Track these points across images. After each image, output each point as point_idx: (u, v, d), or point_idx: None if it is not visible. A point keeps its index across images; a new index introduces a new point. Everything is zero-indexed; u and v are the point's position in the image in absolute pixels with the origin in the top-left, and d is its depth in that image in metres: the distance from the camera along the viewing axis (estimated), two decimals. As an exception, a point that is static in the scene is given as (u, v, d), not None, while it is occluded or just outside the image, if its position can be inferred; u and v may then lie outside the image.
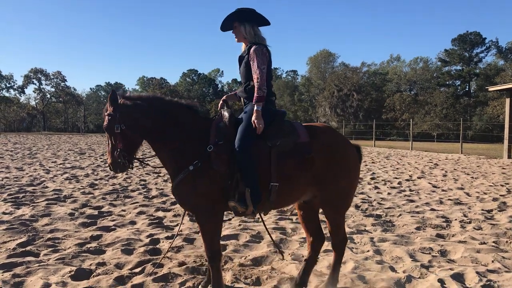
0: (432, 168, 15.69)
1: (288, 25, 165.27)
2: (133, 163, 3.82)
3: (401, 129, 63.17)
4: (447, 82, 72.70)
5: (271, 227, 6.35)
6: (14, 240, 5.53)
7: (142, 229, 6.23)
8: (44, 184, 10.19)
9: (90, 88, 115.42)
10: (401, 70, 79.01)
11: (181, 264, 4.70)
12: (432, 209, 8.00)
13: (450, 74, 72.26)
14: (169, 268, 4.56)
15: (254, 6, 3.98)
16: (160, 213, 7.35)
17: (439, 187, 10.88)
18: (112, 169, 3.76)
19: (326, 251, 5.21)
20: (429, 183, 11.48)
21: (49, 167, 13.93)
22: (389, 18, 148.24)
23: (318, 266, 4.71)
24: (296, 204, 4.21)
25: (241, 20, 3.94)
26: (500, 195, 9.60)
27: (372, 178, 12.37)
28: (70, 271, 4.39)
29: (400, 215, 7.44)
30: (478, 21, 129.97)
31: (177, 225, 6.37)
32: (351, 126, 65.04)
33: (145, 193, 9.28)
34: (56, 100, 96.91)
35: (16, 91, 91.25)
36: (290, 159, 3.68)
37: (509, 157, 21.25)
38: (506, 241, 5.79)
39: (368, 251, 5.31)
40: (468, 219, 7.14)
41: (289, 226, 6.47)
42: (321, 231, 4.24)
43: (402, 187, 10.78)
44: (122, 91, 3.95)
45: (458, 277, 4.39)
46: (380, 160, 19.17)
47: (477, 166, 16.74)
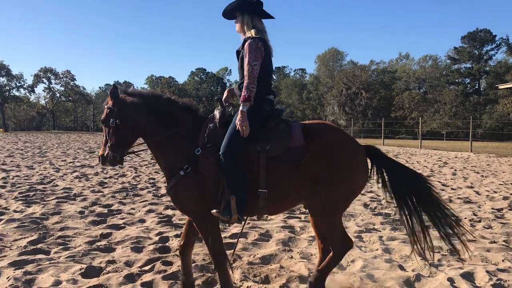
0: (441, 167, 15.61)
1: (296, 23, 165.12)
2: (123, 159, 3.83)
3: (410, 128, 62.85)
4: (457, 80, 72.19)
5: (280, 226, 6.35)
6: (25, 238, 5.59)
7: (152, 227, 6.26)
8: (54, 183, 10.27)
9: (99, 87, 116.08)
10: (410, 68, 78.56)
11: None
12: (442, 208, 7.94)
13: (460, 72, 71.76)
14: (178, 266, 4.58)
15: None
16: (169, 211, 7.38)
17: (448, 186, 10.81)
18: (101, 162, 3.78)
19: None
20: (438, 182, 11.42)
21: (59, 166, 14.03)
22: (398, 16, 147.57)
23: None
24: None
25: (242, 10, 3.72)
26: (510, 194, 9.52)
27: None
28: (81, 269, 4.43)
29: (409, 214, 7.40)
30: (488, 19, 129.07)
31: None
32: (360, 125, 64.82)
33: (154, 192, 9.32)
34: (66, 99, 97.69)
35: (26, 90, 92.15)
36: (281, 165, 3.41)
37: (520, 156, 21.07)
38: (517, 240, 5.75)
39: (377, 250, 5.30)
40: (478, 218, 7.10)
41: (298, 225, 6.47)
42: None
43: (411, 186, 10.70)
44: (125, 86, 3.98)
45: (468, 276, 4.37)
46: (389, 159, 19.07)
47: (487, 165, 16.62)
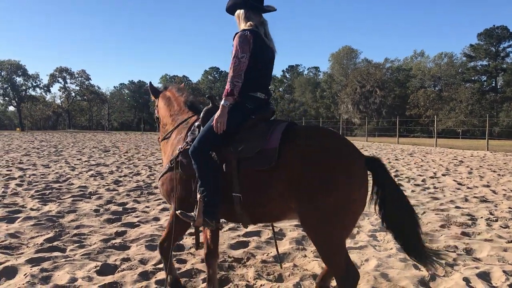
0: (457, 165, 15.44)
1: (310, 22, 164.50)
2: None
3: (425, 126, 62.26)
4: (473, 78, 71.26)
5: (294, 224, 6.35)
6: (42, 236, 5.66)
7: (166, 226, 6.28)
8: (70, 181, 10.39)
9: (114, 86, 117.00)
10: (425, 66, 77.80)
11: (204, 260, 4.73)
12: (457, 207, 7.87)
13: (476, 70, 70.81)
14: (192, 264, 4.61)
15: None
16: (183, 210, 7.41)
17: (464, 185, 10.69)
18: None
19: (349, 249, 5.19)
20: (454, 181, 11.30)
21: (75, 165, 14.18)
22: (413, 13, 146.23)
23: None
24: None
25: (239, 5, 3.55)
26: (528, 193, 9.39)
27: (396, 176, 12.24)
28: (96, 266, 4.47)
29: (424, 213, 7.35)
30: (506, 15, 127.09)
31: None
32: (374, 123, 64.40)
33: (168, 190, 9.36)
34: (81, 98, 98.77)
35: (42, 90, 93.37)
36: (252, 168, 3.13)
37: (537, 154, 20.75)
38: (534, 240, 5.67)
39: (391, 249, 5.26)
40: (495, 217, 7.01)
41: (312, 223, 6.44)
42: None
43: (426, 185, 10.63)
44: (165, 83, 4.19)
45: (484, 276, 4.31)
46: (404, 157, 18.95)
47: (504, 163, 16.40)
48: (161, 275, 4.27)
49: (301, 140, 3.07)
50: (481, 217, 6.99)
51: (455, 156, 19.85)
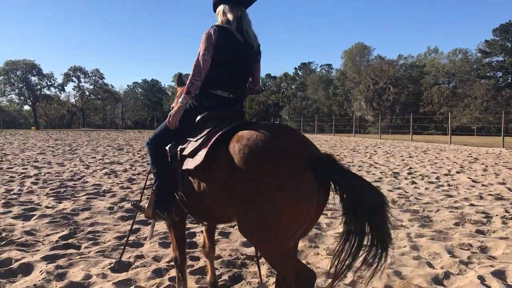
0: (472, 163, 15.28)
1: (322, 19, 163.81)
2: None
3: (439, 123, 61.68)
4: (488, 74, 70.32)
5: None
6: (57, 233, 5.73)
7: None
8: (84, 179, 10.49)
9: (127, 85, 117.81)
10: (439, 62, 77.09)
11: (217, 258, 4.75)
12: (472, 205, 7.79)
13: (491, 66, 69.85)
14: (205, 261, 4.63)
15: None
16: (196, 208, 7.45)
17: (479, 182, 10.58)
18: None
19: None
20: (469, 178, 11.19)
21: (89, 163, 14.31)
22: (426, 9, 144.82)
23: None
24: None
25: (221, 1, 3.42)
26: (544, 190, 9.26)
27: (409, 173, 12.16)
28: (110, 264, 4.52)
29: (438, 211, 7.30)
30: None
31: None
32: (388, 120, 64.03)
33: (181, 188, 9.41)
34: (95, 97, 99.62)
35: (57, 89, 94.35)
36: (187, 167, 3.06)
37: (554, 151, 20.44)
38: (550, 238, 5.60)
39: (405, 247, 5.23)
40: (510, 215, 6.92)
41: (324, 221, 6.44)
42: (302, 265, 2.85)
43: (440, 182, 10.55)
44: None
45: (499, 274, 4.27)
46: (418, 155, 18.80)
47: (520, 160, 16.19)
48: (175, 272, 4.29)
49: (235, 143, 2.76)
50: (496, 215, 6.91)
51: (470, 153, 19.64)
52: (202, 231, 5.68)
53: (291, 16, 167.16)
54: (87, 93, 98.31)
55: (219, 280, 4.16)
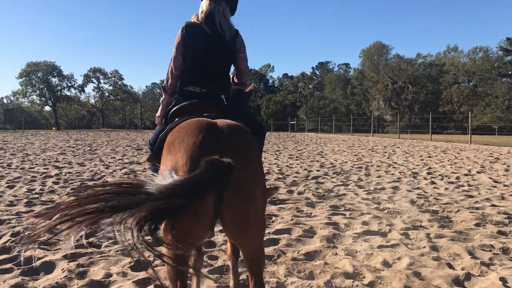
0: (493, 163, 15.04)
1: (340, 18, 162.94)
2: None
3: (459, 122, 60.89)
4: (510, 72, 69.11)
5: (324, 222, 6.33)
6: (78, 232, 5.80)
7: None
8: (104, 179, 10.62)
9: (146, 86, 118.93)
10: (459, 61, 76.08)
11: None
12: (493, 205, 7.68)
13: (513, 64, 68.74)
14: (224, 261, 4.65)
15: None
16: (214, 207, 7.48)
17: (501, 182, 10.42)
18: None
19: (381, 247, 5.15)
20: (490, 178, 11.02)
21: (109, 163, 14.48)
22: (446, 7, 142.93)
23: (373, 262, 4.66)
24: None
25: None
26: None
27: (429, 173, 12.03)
28: (130, 262, 4.57)
29: (458, 211, 7.21)
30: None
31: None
32: (406, 120, 63.38)
33: (199, 188, 9.45)
34: (114, 98, 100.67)
35: (77, 90, 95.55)
36: None
37: None
38: None
39: (424, 247, 5.18)
40: (532, 216, 6.81)
41: (343, 222, 6.41)
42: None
43: (460, 182, 10.41)
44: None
45: (521, 276, 4.20)
46: (437, 154, 18.59)
47: (543, 160, 15.88)
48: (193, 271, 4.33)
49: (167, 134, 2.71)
50: (518, 216, 6.80)
51: (491, 153, 19.33)
52: (223, 230, 5.72)
53: (309, 16, 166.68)
54: (107, 94, 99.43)
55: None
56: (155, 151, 2.90)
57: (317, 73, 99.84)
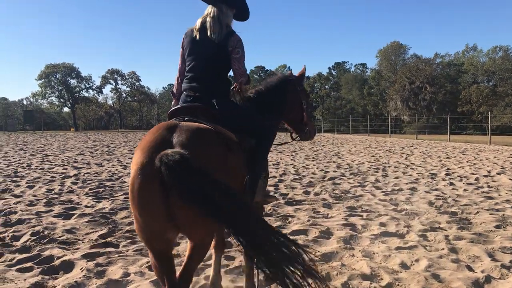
0: (513, 164, 14.79)
1: (357, 17, 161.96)
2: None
3: (478, 123, 60.02)
4: (531, 72, 67.96)
5: (341, 223, 6.29)
6: (96, 232, 5.88)
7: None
8: (122, 179, 10.72)
9: (163, 87, 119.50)
10: (478, 60, 74.90)
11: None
12: (514, 207, 7.55)
13: (534, 63, 67.48)
14: (240, 261, 4.66)
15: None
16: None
17: (521, 184, 10.24)
18: None
19: (398, 248, 5.10)
20: (510, 180, 10.83)
21: (126, 163, 14.60)
22: (464, 6, 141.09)
23: (390, 263, 4.62)
24: None
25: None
26: None
27: (447, 174, 11.88)
28: (147, 262, 4.60)
29: (478, 213, 7.10)
30: None
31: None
32: (424, 120, 62.74)
33: (216, 188, 9.48)
34: (131, 99, 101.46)
35: (95, 91, 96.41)
36: None
37: None
38: None
39: (443, 249, 5.12)
40: (554, 218, 6.68)
41: (360, 223, 6.38)
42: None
43: (480, 183, 10.26)
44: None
45: (543, 279, 4.12)
46: (456, 155, 18.35)
47: None
48: (210, 271, 4.33)
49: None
50: (540, 218, 6.67)
51: (511, 154, 19.02)
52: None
53: (325, 16, 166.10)
54: (124, 95, 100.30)
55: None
56: None
57: (334, 73, 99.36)
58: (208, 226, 2.68)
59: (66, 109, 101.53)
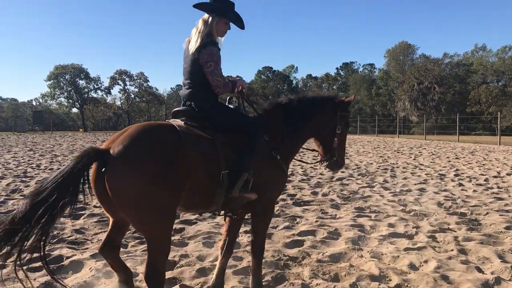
0: (523, 164, 14.67)
1: (365, 18, 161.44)
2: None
3: (488, 123, 59.56)
4: (541, 72, 67.30)
5: (349, 224, 6.28)
6: (105, 232, 5.88)
7: (222, 223, 6.38)
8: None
9: (171, 88, 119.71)
10: (487, 60, 74.25)
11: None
12: (524, 208, 7.49)
13: (545, 63, 66.79)
14: (248, 262, 4.65)
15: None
16: (239, 208, 7.50)
17: (531, 185, 10.15)
18: None
19: (407, 249, 5.08)
20: (520, 180, 10.75)
21: (134, 164, 14.63)
22: (473, 5, 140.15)
23: (399, 264, 4.61)
24: None
25: None
26: None
27: (456, 175, 11.81)
28: (156, 262, 4.61)
29: (487, 214, 7.05)
30: None
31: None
32: (433, 121, 62.37)
33: (224, 189, 9.50)
34: (140, 100, 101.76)
35: (103, 92, 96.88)
36: None
37: None
38: None
39: (452, 250, 5.09)
40: None
41: (368, 224, 6.36)
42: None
43: (489, 184, 10.19)
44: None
45: (554, 281, 4.09)
46: (465, 156, 18.23)
47: None
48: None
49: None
50: (550, 219, 6.61)
51: (521, 155, 18.87)
52: (247, 230, 5.73)
53: (332, 16, 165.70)
54: (132, 96, 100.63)
55: (263, 281, 4.18)
56: None
57: (342, 74, 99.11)
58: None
59: (75, 110, 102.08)
